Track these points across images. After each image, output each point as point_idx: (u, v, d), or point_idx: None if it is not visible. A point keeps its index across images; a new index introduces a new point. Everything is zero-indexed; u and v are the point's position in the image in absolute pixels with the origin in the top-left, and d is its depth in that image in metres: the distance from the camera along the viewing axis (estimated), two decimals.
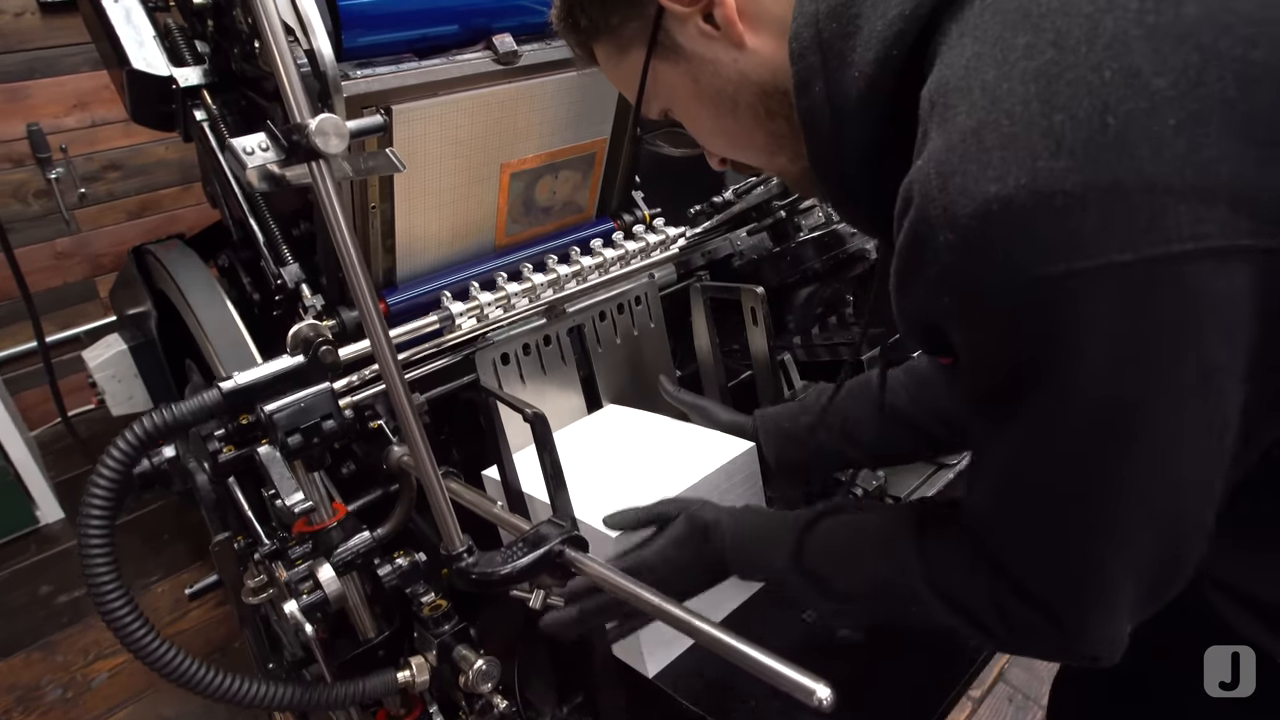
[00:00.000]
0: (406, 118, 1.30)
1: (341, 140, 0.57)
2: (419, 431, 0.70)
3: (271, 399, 0.92)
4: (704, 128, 0.78)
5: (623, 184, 1.68)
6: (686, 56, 0.72)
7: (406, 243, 1.45)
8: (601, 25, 0.76)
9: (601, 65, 0.82)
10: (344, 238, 0.62)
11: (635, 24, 0.73)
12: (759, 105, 0.71)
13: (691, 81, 0.73)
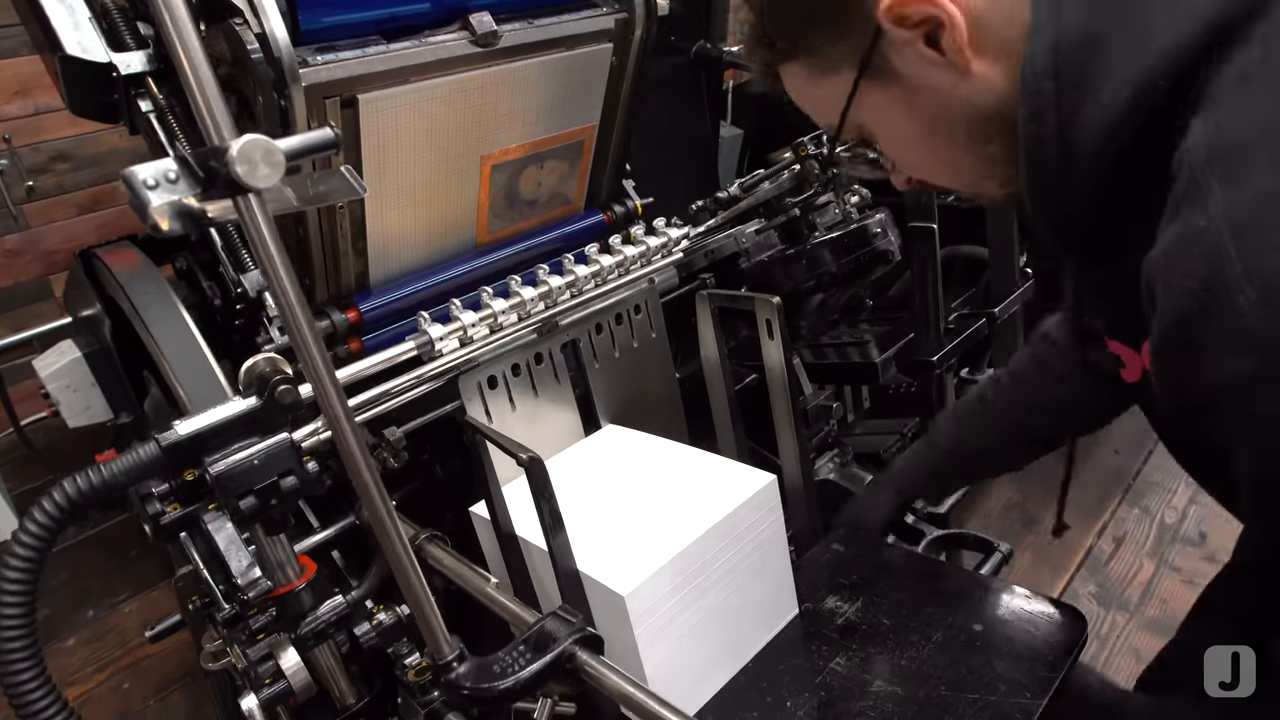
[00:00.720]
0: (374, 108, 1.14)
1: (273, 169, 0.42)
2: (386, 512, 0.55)
3: (220, 450, 0.76)
4: (908, 151, 0.76)
5: (613, 173, 1.53)
6: (901, 81, 0.68)
7: (379, 244, 1.30)
8: (802, 45, 0.72)
9: (789, 85, 0.77)
10: (284, 287, 0.47)
11: (845, 45, 0.69)
12: (976, 130, 0.68)
13: (904, 106, 0.69)
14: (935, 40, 0.64)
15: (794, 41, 0.72)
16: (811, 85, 0.75)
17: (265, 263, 0.46)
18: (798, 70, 0.74)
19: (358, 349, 1.29)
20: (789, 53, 0.73)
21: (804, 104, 0.79)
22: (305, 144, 0.46)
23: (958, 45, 0.63)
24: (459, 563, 0.83)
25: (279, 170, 0.42)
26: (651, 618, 0.89)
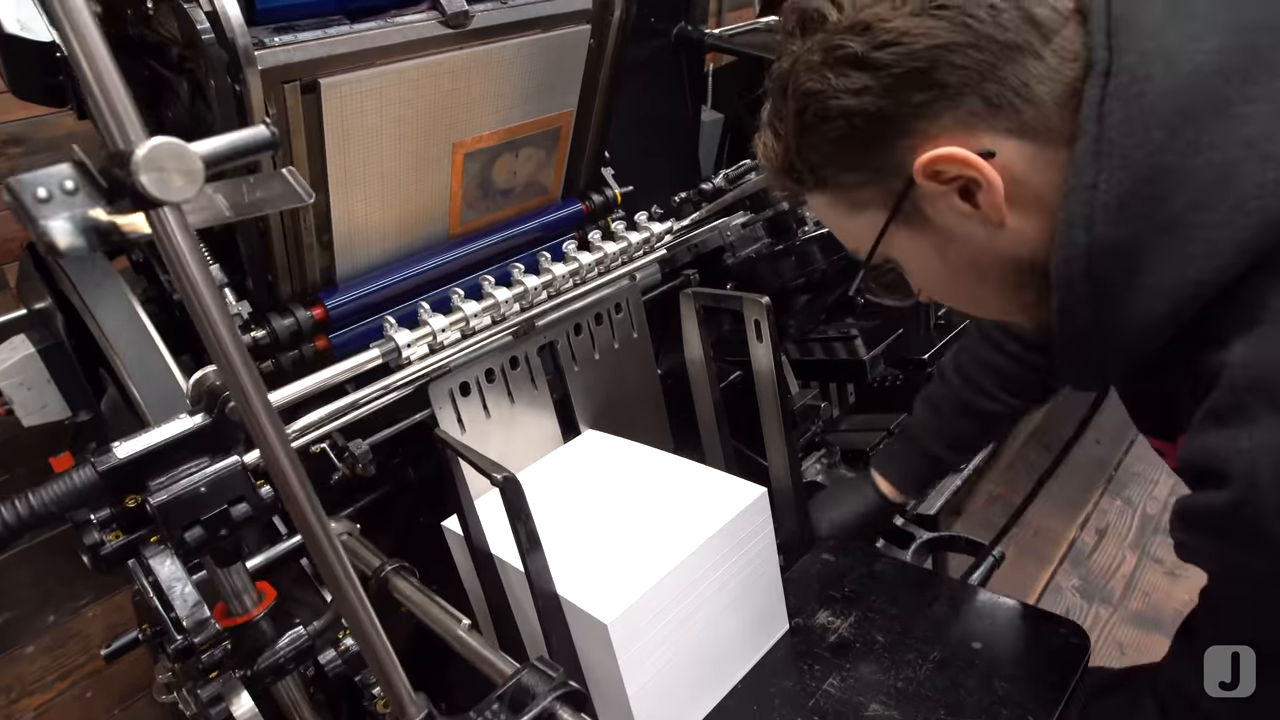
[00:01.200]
0: (338, 93, 1.06)
1: (189, 180, 0.34)
2: (335, 558, 0.48)
3: (166, 472, 0.69)
4: (938, 287, 0.75)
5: (591, 161, 1.46)
6: (934, 228, 0.68)
7: (346, 236, 1.22)
8: (831, 183, 0.71)
9: (815, 208, 0.77)
10: (209, 314, 0.39)
11: (875, 189, 0.68)
12: (1009, 277, 0.68)
13: (935, 250, 0.69)
14: (969, 194, 0.64)
15: (822, 178, 0.70)
16: (840, 216, 0.74)
17: (185, 287, 0.38)
18: (826, 201, 0.74)
19: (325, 347, 1.21)
20: (817, 187, 0.72)
21: (831, 228, 0.79)
22: (232, 146, 0.38)
23: (994, 203, 0.63)
24: (428, 600, 0.76)
25: (196, 180, 0.35)
26: (636, 644, 0.83)
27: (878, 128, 0.63)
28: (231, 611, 0.78)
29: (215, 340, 0.39)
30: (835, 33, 0.63)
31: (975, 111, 0.61)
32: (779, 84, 0.69)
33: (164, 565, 0.64)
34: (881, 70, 0.61)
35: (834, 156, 0.68)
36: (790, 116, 0.68)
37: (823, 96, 0.64)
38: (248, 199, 0.44)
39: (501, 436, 1.11)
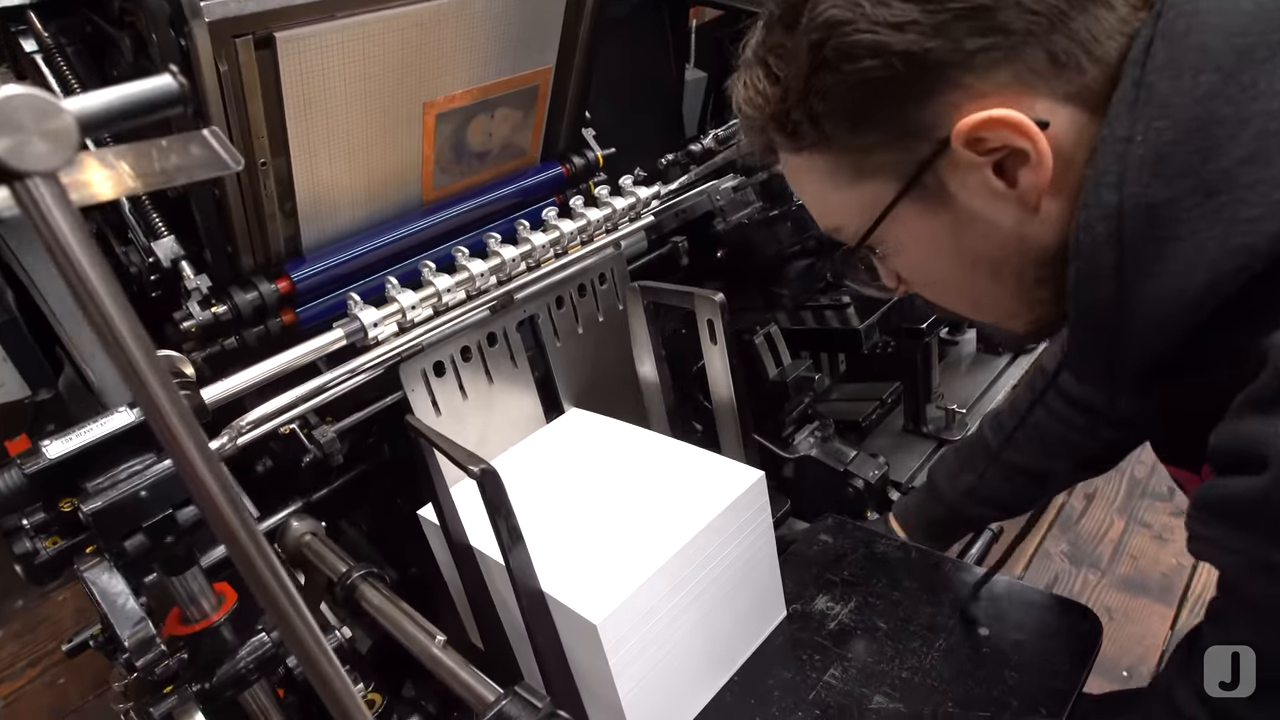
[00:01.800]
0: (296, 48, 0.96)
1: (57, 144, 0.26)
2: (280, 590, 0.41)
3: (105, 473, 0.61)
4: (937, 281, 0.66)
5: (571, 121, 1.37)
6: (951, 206, 0.57)
7: (311, 203, 1.13)
8: (837, 142, 0.59)
9: (795, 172, 0.65)
10: (100, 306, 0.31)
11: (892, 153, 0.57)
12: (1026, 271, 0.59)
13: (946, 233, 0.59)
14: (1007, 170, 0.55)
15: (826, 134, 0.58)
16: (831, 185, 0.62)
17: (69, 277, 0.30)
18: (819, 165, 0.61)
19: (291, 321, 1.13)
20: (816, 145, 0.60)
21: (810, 199, 0.67)
22: (124, 102, 0.30)
23: (1037, 184, 0.54)
24: (399, 612, 0.69)
25: (66, 145, 0.27)
26: (628, 643, 0.76)
27: (917, 74, 0.52)
28: (188, 618, 0.70)
29: (111, 337, 0.31)
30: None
31: (1036, 69, 0.51)
32: (785, 9, 0.57)
33: (101, 579, 0.57)
34: (934, 1, 0.51)
35: (851, 106, 0.56)
36: (801, 51, 0.56)
37: (851, 28, 0.53)
38: (159, 166, 0.35)
39: (480, 419, 1.04)
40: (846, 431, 1.37)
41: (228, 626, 0.71)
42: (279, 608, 0.39)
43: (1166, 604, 1.72)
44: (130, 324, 0.32)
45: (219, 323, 1.04)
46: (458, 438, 1.00)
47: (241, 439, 0.74)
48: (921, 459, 1.34)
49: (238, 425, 0.75)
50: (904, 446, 1.36)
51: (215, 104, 0.94)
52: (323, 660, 0.43)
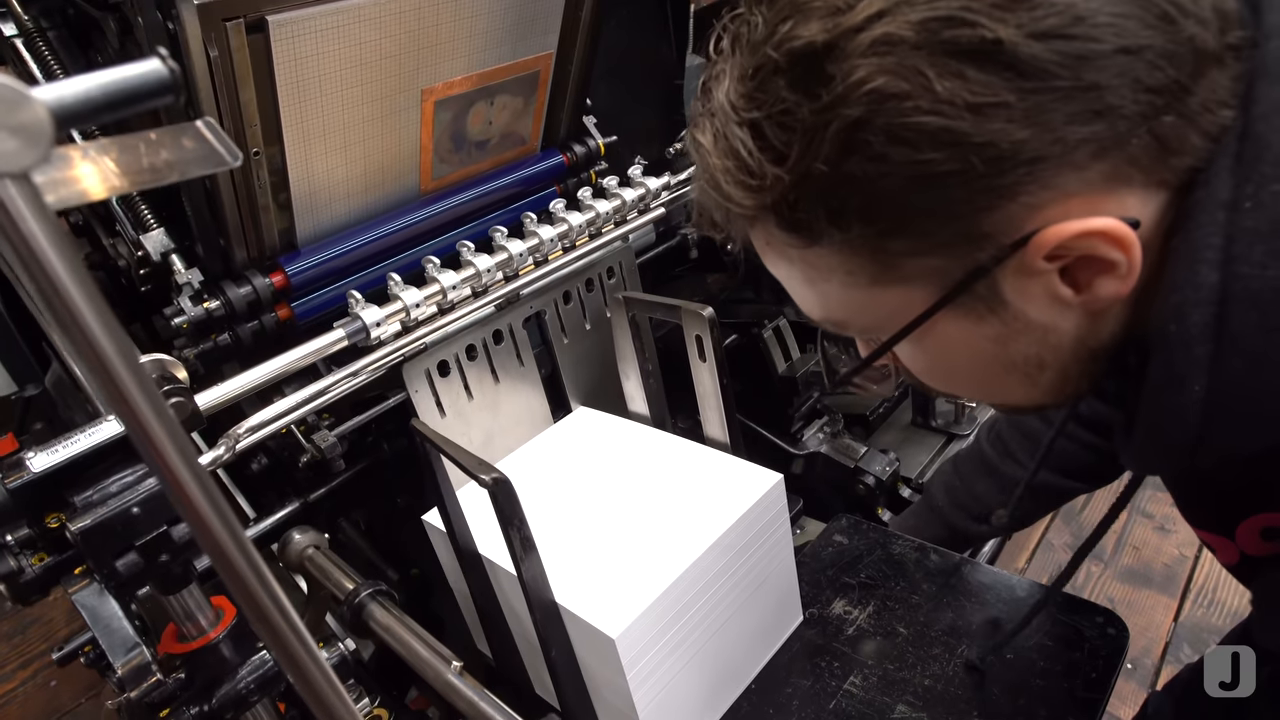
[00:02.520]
0: (289, 32, 0.92)
1: (29, 140, 0.22)
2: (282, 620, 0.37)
3: (94, 486, 0.56)
4: (952, 378, 0.55)
5: (572, 109, 1.33)
6: (1003, 315, 0.47)
7: (306, 195, 1.09)
8: (858, 240, 0.45)
9: (787, 263, 0.50)
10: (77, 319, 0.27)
11: (936, 260, 0.45)
12: (1071, 369, 0.50)
13: (991, 343, 0.48)
14: (1078, 275, 0.45)
15: (848, 234, 0.45)
16: (840, 284, 0.49)
17: (41, 285, 0.26)
18: (827, 263, 0.48)
19: (287, 316, 1.08)
20: (828, 243, 0.47)
21: (802, 291, 0.52)
22: (106, 90, 0.26)
23: (1116, 292, 0.45)
24: (411, 634, 0.65)
25: (38, 141, 0.22)
26: (646, 656, 0.73)
27: (997, 172, 0.41)
28: (184, 635, 0.66)
29: (94, 355, 0.27)
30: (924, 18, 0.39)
31: (1137, 158, 0.42)
32: (791, 59, 0.43)
33: (90, 602, 0.52)
34: (1034, 79, 0.39)
35: (893, 204, 0.43)
36: (825, 128, 0.42)
37: (909, 105, 0.40)
38: (147, 162, 0.31)
39: (485, 419, 0.99)
40: (852, 425, 1.33)
41: (227, 643, 0.67)
42: (283, 642, 0.36)
43: (1170, 595, 1.70)
44: (114, 338, 0.28)
45: (212, 318, 1.00)
46: (463, 439, 0.97)
47: (239, 446, 0.70)
48: (931, 454, 1.30)
49: (234, 434, 0.70)
50: (913, 440, 1.33)
51: (205, 91, 0.90)
52: (329, 693, 0.39)
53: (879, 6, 0.40)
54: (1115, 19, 0.38)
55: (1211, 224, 0.41)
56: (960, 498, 1.05)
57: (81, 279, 0.27)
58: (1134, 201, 0.43)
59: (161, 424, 0.30)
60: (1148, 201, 0.43)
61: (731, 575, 0.81)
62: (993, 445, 1.02)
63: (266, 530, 0.97)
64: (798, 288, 0.52)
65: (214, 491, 0.33)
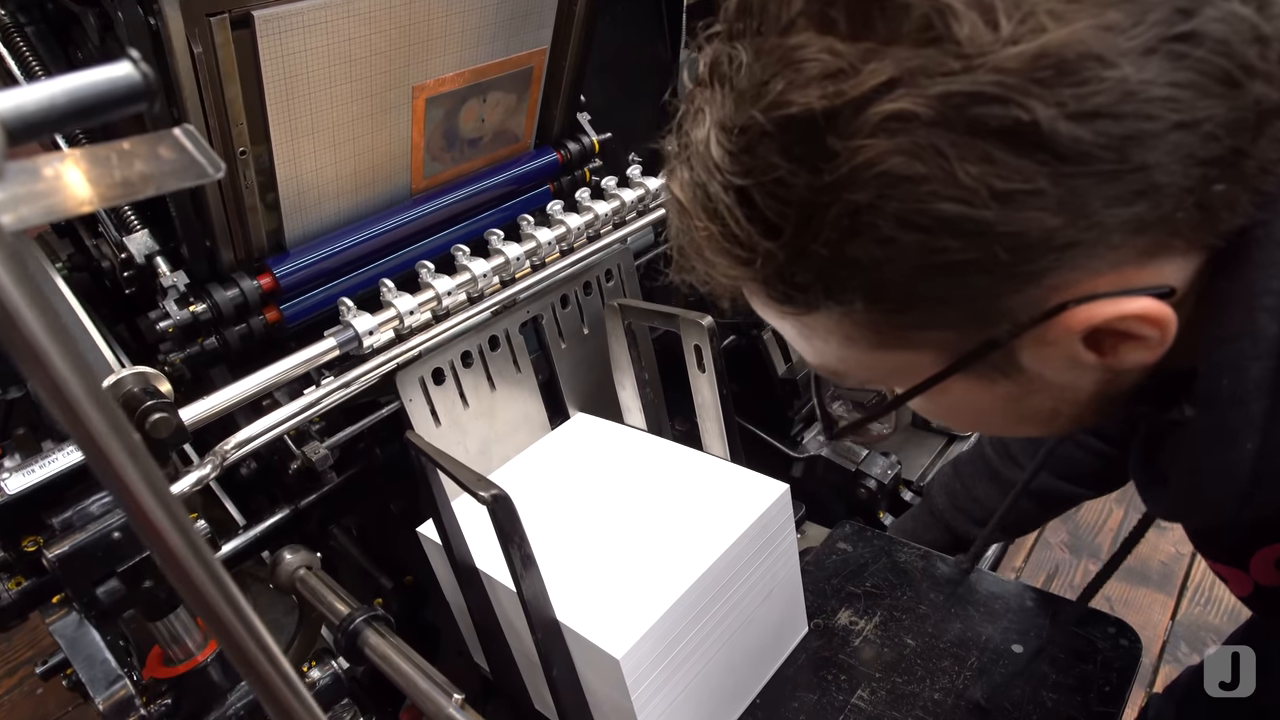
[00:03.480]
0: (276, 28, 0.89)
1: None
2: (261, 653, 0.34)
3: (71, 508, 0.53)
4: (963, 423, 0.55)
5: (566, 106, 1.30)
6: (1019, 380, 0.44)
7: (294, 194, 1.06)
8: (861, 314, 0.41)
9: (779, 320, 0.46)
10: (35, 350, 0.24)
11: (949, 334, 0.42)
12: (1087, 418, 0.48)
13: (1003, 402, 0.46)
14: (1104, 343, 0.41)
15: (849, 309, 0.41)
16: (839, 344, 0.45)
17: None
18: (825, 326, 0.44)
19: (276, 319, 1.05)
20: (825, 311, 0.42)
21: (801, 345, 0.48)
22: (70, 97, 0.22)
23: (1143, 360, 0.41)
24: (409, 665, 0.62)
25: None
26: (650, 676, 0.70)
27: (1023, 260, 0.37)
28: (171, 659, 0.63)
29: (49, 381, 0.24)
30: (977, 65, 0.34)
31: (1179, 229, 0.38)
32: (781, 125, 0.37)
33: (68, 632, 0.49)
34: (1074, 163, 0.34)
35: (897, 289, 0.39)
36: (825, 209, 0.37)
37: (924, 190, 0.35)
38: (119, 175, 0.28)
39: (482, 427, 0.96)
40: None
41: (215, 666, 0.64)
42: (264, 680, 0.33)
43: (1167, 593, 1.69)
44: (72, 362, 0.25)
45: (198, 322, 0.97)
46: (459, 448, 0.94)
47: (226, 463, 0.67)
48: (932, 455, 1.28)
49: (222, 450, 0.67)
50: (913, 443, 1.31)
51: (190, 89, 0.86)
52: None
53: (888, 74, 0.35)
54: (1172, 91, 0.34)
55: (1266, 271, 0.38)
56: (961, 501, 1.03)
57: (38, 308, 0.24)
58: (1172, 270, 0.39)
59: (125, 452, 0.27)
60: (1186, 266, 0.40)
61: (737, 589, 0.78)
62: (995, 448, 1.00)
63: (255, 538, 0.94)
64: (793, 339, 0.49)
65: (187, 525, 0.30)
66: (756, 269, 0.41)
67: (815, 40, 0.36)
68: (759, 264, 0.41)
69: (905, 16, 0.35)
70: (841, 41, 0.36)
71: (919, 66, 0.34)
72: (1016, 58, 0.33)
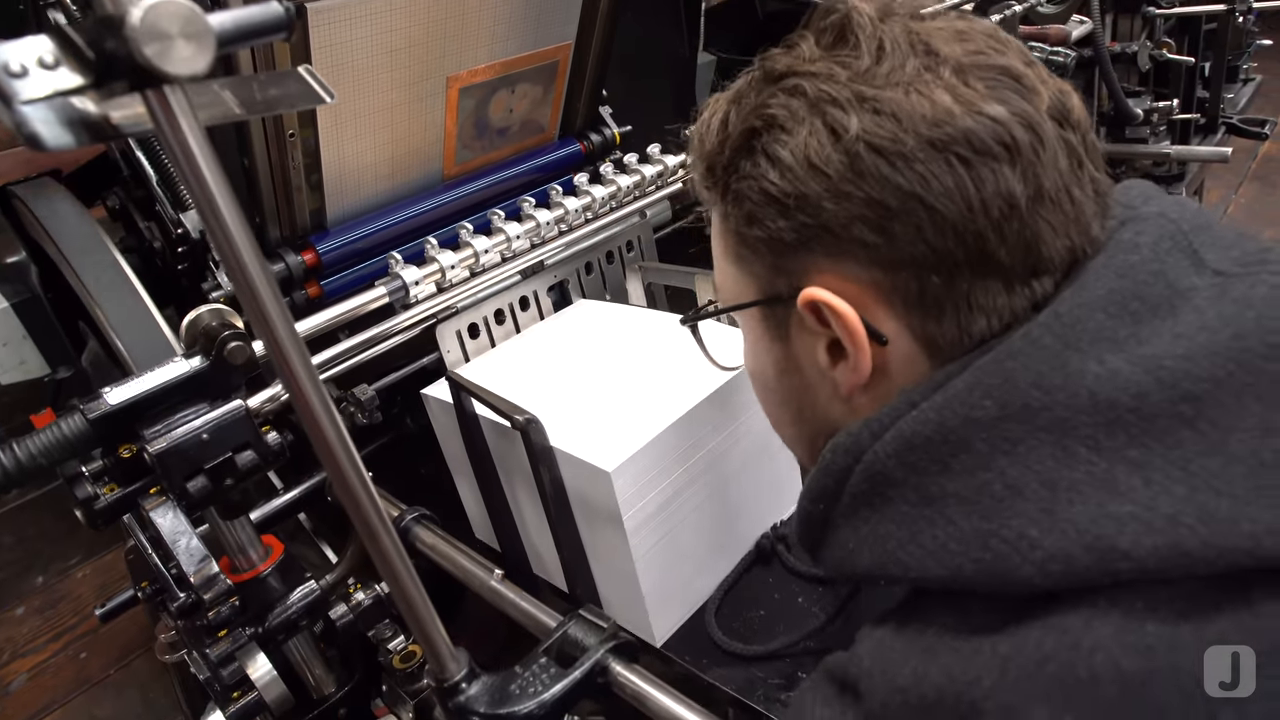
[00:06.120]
0: (326, 19, 0.98)
1: (199, 49, 0.28)
2: (369, 502, 0.43)
3: (161, 421, 0.63)
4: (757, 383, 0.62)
5: (589, 99, 1.39)
6: (787, 349, 0.55)
7: (336, 177, 1.15)
8: (733, 222, 0.53)
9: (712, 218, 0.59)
10: (220, 218, 0.33)
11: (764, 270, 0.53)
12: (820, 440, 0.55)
13: (774, 367, 0.57)
14: (833, 354, 0.52)
15: (728, 210, 0.54)
16: (721, 251, 0.58)
17: (192, 184, 0.32)
18: (719, 228, 0.57)
19: (317, 294, 1.15)
20: (720, 211, 0.56)
21: (713, 249, 0.62)
22: (244, 21, 0.32)
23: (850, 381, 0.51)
24: (456, 551, 0.70)
25: (206, 50, 0.28)
26: (643, 500, 0.77)
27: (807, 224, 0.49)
28: (237, 567, 0.72)
29: (226, 242, 0.33)
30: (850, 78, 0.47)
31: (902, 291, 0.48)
32: (763, 73, 0.52)
33: (166, 518, 0.58)
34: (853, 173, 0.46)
35: (752, 204, 0.51)
36: (740, 127, 0.51)
37: (782, 138, 0.48)
38: (260, 96, 0.37)
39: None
40: None
41: (275, 575, 0.73)
42: (370, 524, 0.41)
43: None
44: (245, 233, 0.34)
45: None
46: None
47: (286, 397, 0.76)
48: None
49: None
50: None
51: (247, 74, 0.96)
52: (406, 578, 0.45)
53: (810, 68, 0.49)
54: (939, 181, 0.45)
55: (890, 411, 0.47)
56: None
57: (220, 175, 0.33)
58: (891, 327, 0.48)
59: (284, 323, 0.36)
60: (902, 336, 0.49)
61: (733, 431, 0.84)
62: None
63: (294, 500, 1.03)
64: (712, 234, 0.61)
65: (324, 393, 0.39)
66: (705, 150, 0.54)
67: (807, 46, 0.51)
68: (706, 149, 0.54)
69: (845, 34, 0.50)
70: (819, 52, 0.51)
71: (825, 69, 0.48)
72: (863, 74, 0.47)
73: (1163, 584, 0.39)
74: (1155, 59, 1.88)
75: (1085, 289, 0.44)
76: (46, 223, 1.20)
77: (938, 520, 0.44)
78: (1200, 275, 0.44)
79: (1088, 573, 0.39)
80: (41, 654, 1.59)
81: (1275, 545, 0.38)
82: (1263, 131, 2.16)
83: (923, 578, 0.44)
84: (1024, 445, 0.42)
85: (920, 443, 0.45)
